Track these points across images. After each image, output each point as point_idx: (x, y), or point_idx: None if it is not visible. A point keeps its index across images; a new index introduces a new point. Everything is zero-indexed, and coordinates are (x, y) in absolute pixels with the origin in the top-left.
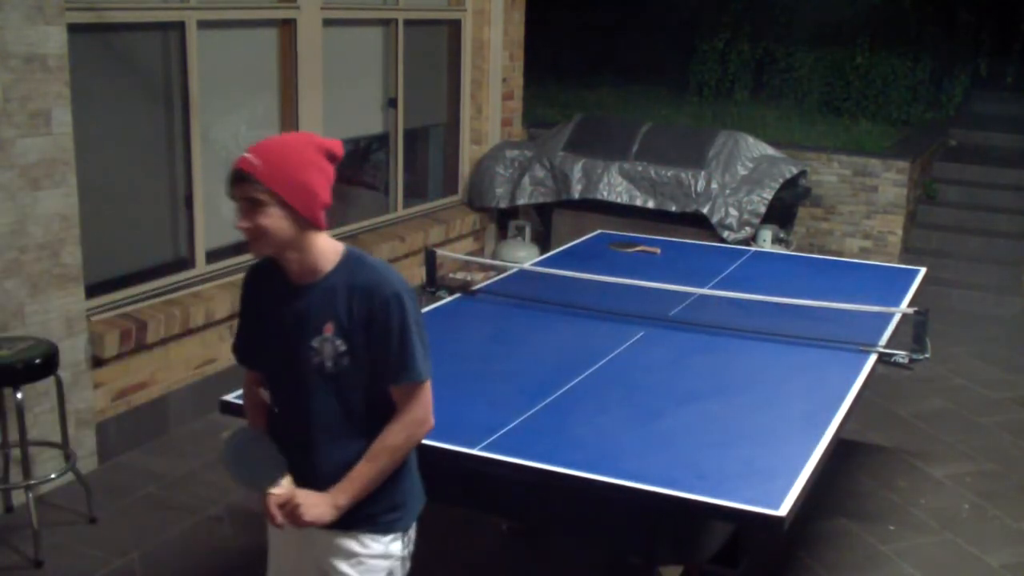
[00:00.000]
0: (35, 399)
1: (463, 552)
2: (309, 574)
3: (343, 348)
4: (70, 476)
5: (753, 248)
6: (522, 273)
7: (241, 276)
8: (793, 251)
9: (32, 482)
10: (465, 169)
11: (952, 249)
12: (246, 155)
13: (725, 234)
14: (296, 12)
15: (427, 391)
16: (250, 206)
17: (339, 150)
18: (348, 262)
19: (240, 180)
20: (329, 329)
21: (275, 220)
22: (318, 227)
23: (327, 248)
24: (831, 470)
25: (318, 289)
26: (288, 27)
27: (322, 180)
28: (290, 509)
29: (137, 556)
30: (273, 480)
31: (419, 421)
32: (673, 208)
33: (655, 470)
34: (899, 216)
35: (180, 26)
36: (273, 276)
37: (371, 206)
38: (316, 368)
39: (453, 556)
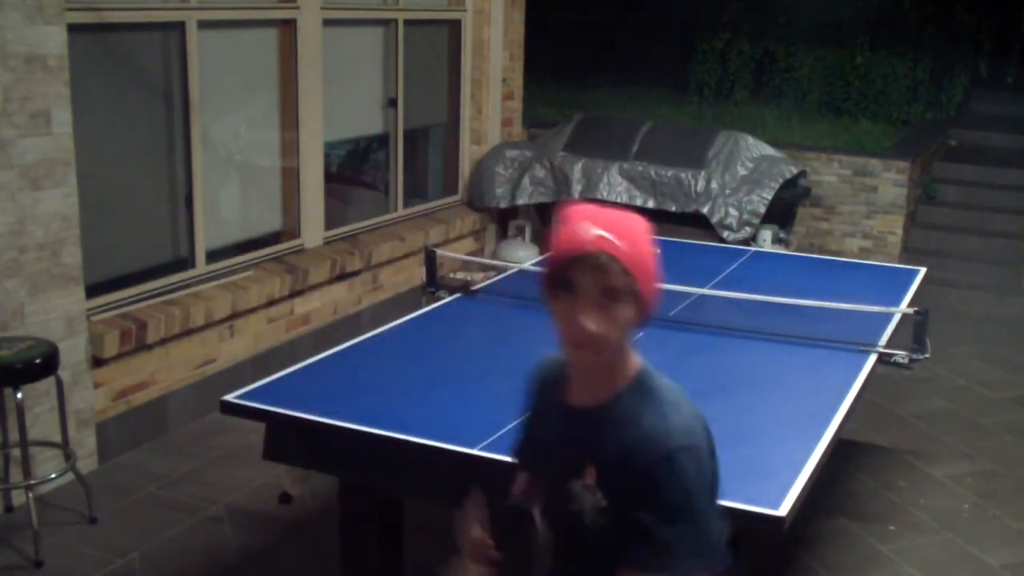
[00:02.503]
0: (35, 399)
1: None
2: None
3: (603, 504)
4: (70, 476)
5: (753, 248)
6: (522, 273)
7: (241, 276)
8: (793, 251)
9: (32, 482)
10: (465, 169)
11: (952, 249)
12: (598, 231)
13: (725, 234)
14: (296, 12)
15: None
16: (602, 299)
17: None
18: (638, 390)
19: (599, 267)
20: (591, 477)
21: (625, 317)
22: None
23: (630, 364)
24: (831, 470)
25: (594, 418)
26: (288, 27)
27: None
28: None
29: (137, 556)
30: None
31: None
32: (673, 208)
33: None
34: (899, 216)
35: (180, 26)
36: (557, 383)
37: (371, 206)
38: (571, 516)
39: (453, 556)
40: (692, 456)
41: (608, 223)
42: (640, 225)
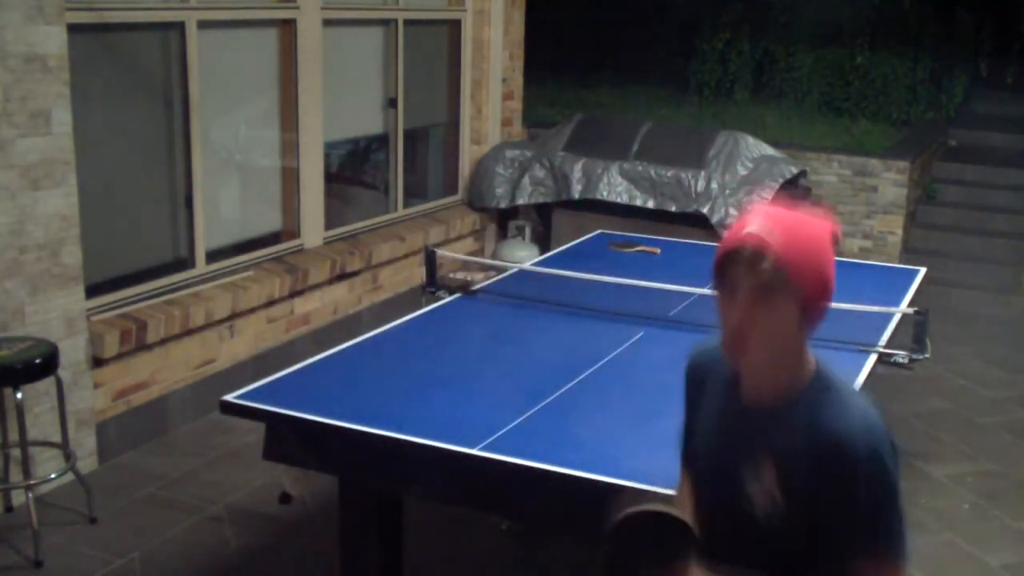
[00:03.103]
0: (35, 399)
1: (463, 552)
2: None
3: (779, 505)
4: (70, 476)
5: None
6: (522, 273)
7: (241, 276)
8: None
9: (32, 482)
10: (465, 169)
11: (952, 249)
12: (758, 229)
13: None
14: (296, 12)
15: None
16: (752, 296)
17: (839, 234)
18: (816, 388)
19: (750, 262)
20: (769, 476)
21: (782, 316)
22: (812, 330)
23: (806, 364)
24: None
25: (774, 420)
26: (288, 27)
27: (833, 273)
28: None
29: (137, 556)
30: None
31: None
32: (673, 208)
33: (655, 470)
34: (899, 216)
35: (180, 26)
36: (719, 378)
37: (371, 206)
38: (745, 516)
39: (453, 556)
40: (890, 453)
41: (773, 219)
42: (814, 226)
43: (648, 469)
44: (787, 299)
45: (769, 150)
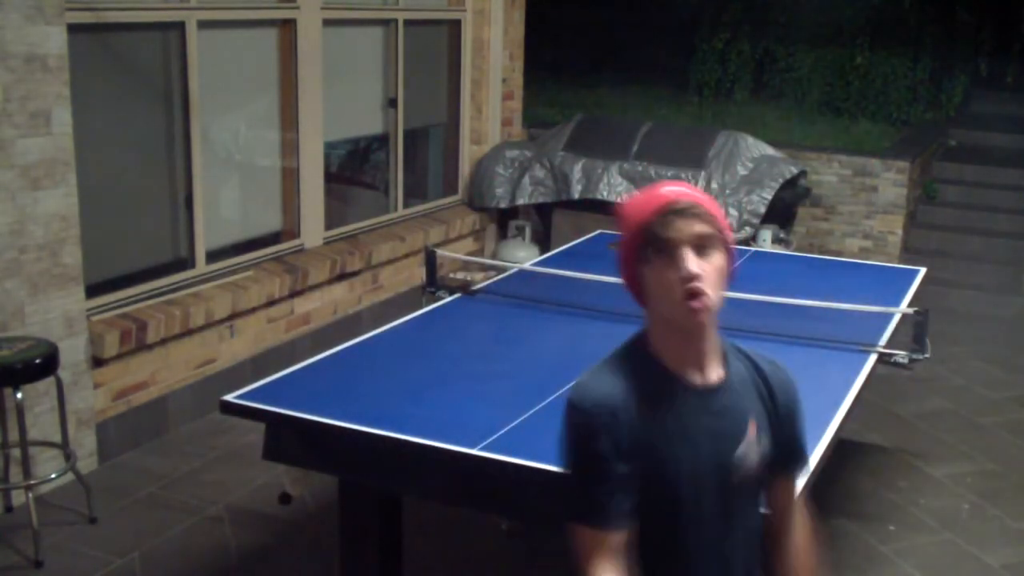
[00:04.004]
0: (35, 399)
1: (463, 552)
2: None
3: (765, 450)
4: (70, 476)
5: (753, 248)
6: (522, 273)
7: (241, 276)
8: (793, 251)
9: (32, 482)
10: (465, 169)
11: (952, 249)
12: (677, 188)
13: None
14: (296, 12)
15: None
16: (701, 246)
17: None
18: (728, 347)
19: (691, 211)
20: (753, 430)
21: (722, 266)
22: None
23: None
24: (831, 470)
25: (731, 382)
26: (288, 27)
27: None
28: None
29: (137, 556)
30: None
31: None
32: None
33: None
34: (899, 216)
35: (180, 26)
36: (650, 387)
37: (371, 206)
38: (738, 484)
39: (453, 556)
40: None
41: (675, 184)
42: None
43: None
44: (720, 247)
45: (769, 150)
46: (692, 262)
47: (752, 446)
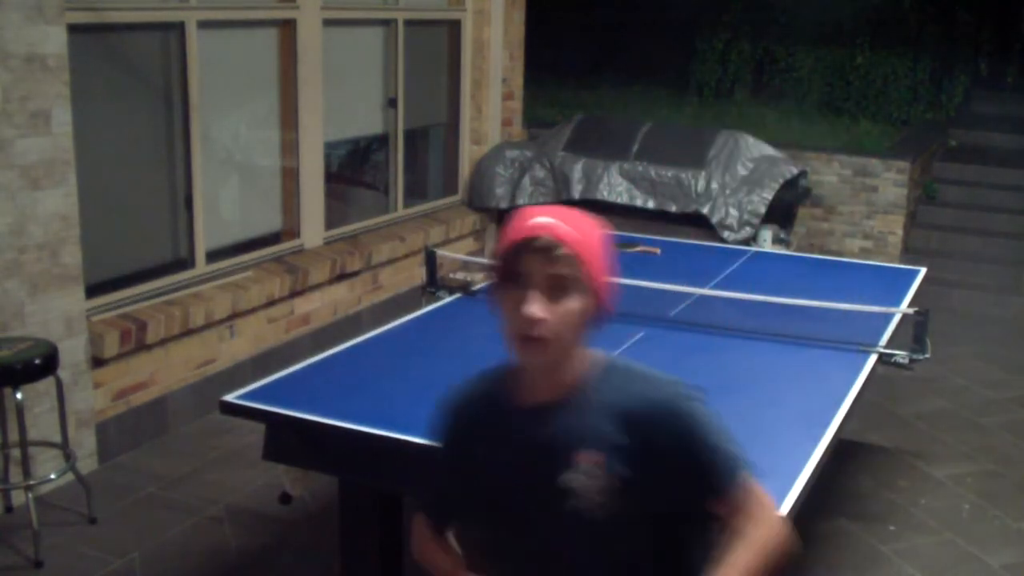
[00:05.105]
0: (35, 399)
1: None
2: None
3: (610, 483)
4: (70, 476)
5: (753, 248)
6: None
7: (241, 276)
8: (793, 251)
9: (32, 482)
10: (465, 169)
11: (952, 249)
12: (548, 220)
13: (725, 234)
14: (296, 12)
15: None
16: (553, 288)
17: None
18: (613, 368)
19: (545, 251)
20: (590, 459)
21: (579, 310)
22: (599, 324)
23: (592, 356)
24: (831, 470)
25: (571, 409)
26: (288, 27)
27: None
28: None
29: (137, 556)
30: None
31: (774, 512)
32: (673, 208)
33: None
34: (899, 216)
35: (180, 26)
36: (487, 402)
37: (371, 206)
38: (570, 515)
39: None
40: (701, 397)
41: (555, 214)
42: (592, 220)
43: None
44: (580, 291)
45: (769, 150)
46: (536, 305)
47: (586, 476)
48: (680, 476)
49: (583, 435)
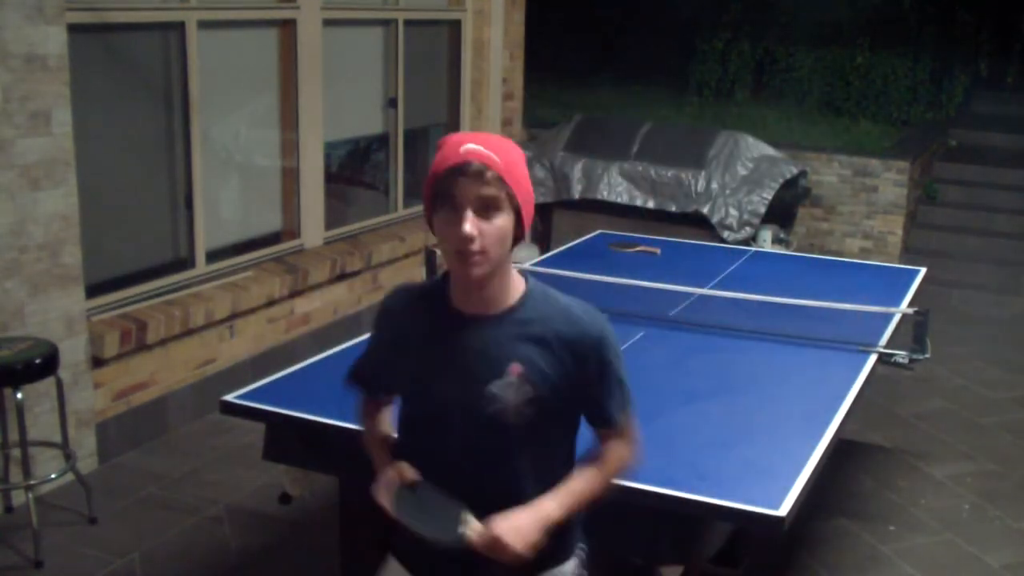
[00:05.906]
0: (35, 399)
1: None
2: None
3: (531, 395)
4: (70, 476)
5: (753, 248)
6: (522, 273)
7: (241, 276)
8: (793, 251)
9: (32, 482)
10: None
11: (952, 249)
12: (475, 147)
13: (725, 234)
14: (296, 12)
15: (635, 423)
16: (484, 208)
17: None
18: (541, 294)
19: (476, 175)
20: (516, 372)
21: (507, 227)
22: (519, 242)
23: (515, 275)
24: (831, 470)
25: (503, 323)
26: (288, 27)
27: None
28: (491, 546)
29: (137, 556)
30: (461, 522)
31: (635, 451)
32: (673, 208)
33: (655, 470)
34: (899, 216)
35: (180, 26)
36: (428, 303)
37: (371, 206)
38: (492, 417)
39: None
40: (613, 333)
41: (482, 141)
42: (514, 145)
43: (647, 468)
44: (509, 208)
45: (769, 150)
46: (470, 223)
47: (511, 387)
48: (585, 398)
49: (513, 348)
